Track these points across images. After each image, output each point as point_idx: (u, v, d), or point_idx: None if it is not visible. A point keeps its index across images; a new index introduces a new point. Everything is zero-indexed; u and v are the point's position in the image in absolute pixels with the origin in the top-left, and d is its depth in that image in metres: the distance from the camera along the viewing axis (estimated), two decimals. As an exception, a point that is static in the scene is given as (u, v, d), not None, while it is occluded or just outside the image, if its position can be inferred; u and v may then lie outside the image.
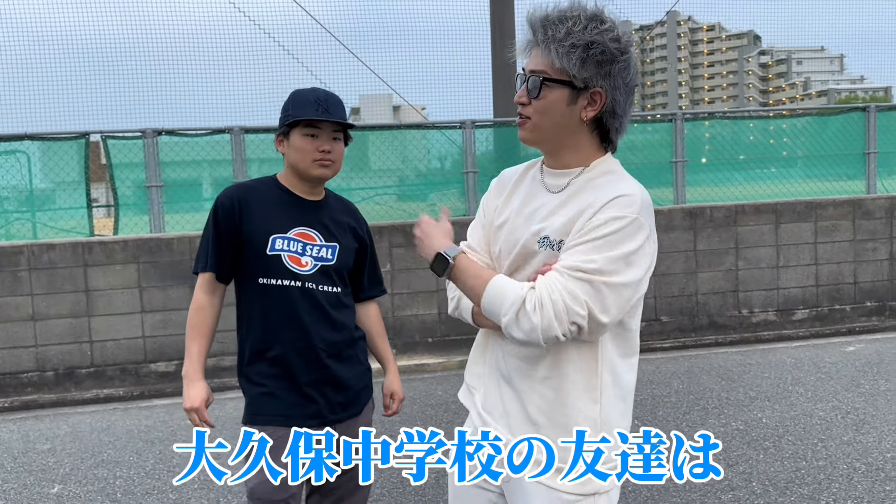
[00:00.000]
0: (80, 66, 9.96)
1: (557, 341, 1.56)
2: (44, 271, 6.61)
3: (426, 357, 7.22)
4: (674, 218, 7.79)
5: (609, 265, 1.53)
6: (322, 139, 2.31)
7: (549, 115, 1.66)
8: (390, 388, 2.66)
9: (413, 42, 11.32)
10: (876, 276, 8.20)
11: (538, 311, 1.53)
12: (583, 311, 1.52)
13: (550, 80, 1.62)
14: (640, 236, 1.56)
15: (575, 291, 1.52)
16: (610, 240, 1.54)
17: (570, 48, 1.58)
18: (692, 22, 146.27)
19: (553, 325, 1.53)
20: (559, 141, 1.70)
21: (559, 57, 1.59)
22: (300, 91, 2.36)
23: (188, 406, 2.34)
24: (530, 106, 1.67)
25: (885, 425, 4.75)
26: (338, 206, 2.50)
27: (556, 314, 1.52)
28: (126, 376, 6.76)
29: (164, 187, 7.27)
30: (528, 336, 1.56)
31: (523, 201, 1.77)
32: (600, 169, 1.70)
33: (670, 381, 6.11)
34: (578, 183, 1.68)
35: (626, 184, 1.63)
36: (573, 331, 1.54)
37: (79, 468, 4.72)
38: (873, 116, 8.56)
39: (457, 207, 8.09)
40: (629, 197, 1.58)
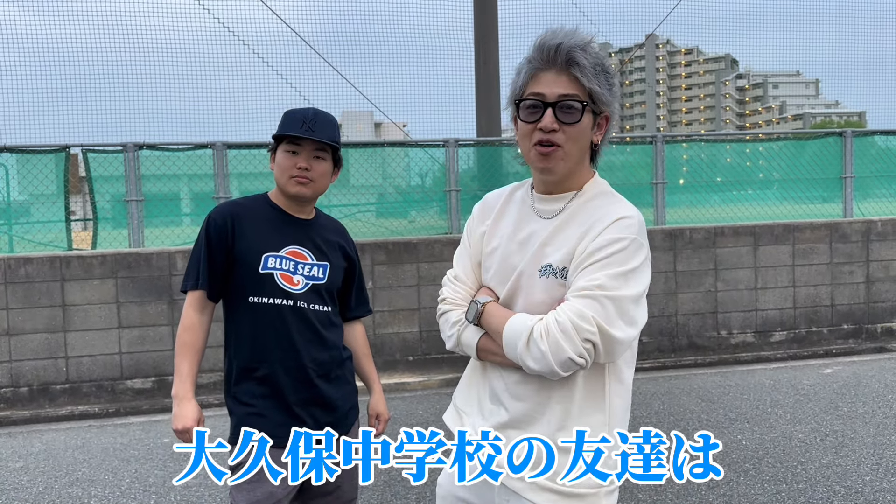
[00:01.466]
0: (61, 78, 9.87)
1: (574, 365, 1.56)
2: (20, 285, 6.50)
3: (406, 375, 7.19)
4: (654, 239, 7.85)
5: (611, 281, 1.56)
6: (301, 157, 2.30)
7: (581, 141, 1.65)
8: (375, 408, 2.65)
9: (396, 60, 11.37)
10: (853, 298, 8.30)
11: (545, 337, 1.56)
12: (591, 326, 1.53)
13: (587, 104, 1.62)
14: (640, 255, 1.61)
15: (580, 310, 1.54)
16: (612, 260, 1.58)
17: (597, 73, 1.61)
18: (670, 45, 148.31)
19: (562, 346, 1.54)
20: (575, 166, 1.70)
21: (593, 80, 1.60)
22: (294, 110, 2.36)
23: (180, 426, 2.27)
24: (561, 132, 1.62)
25: (864, 448, 4.79)
26: (328, 226, 2.50)
27: (564, 334, 1.54)
28: (102, 393, 6.66)
29: (144, 201, 7.20)
30: (539, 364, 1.57)
31: (515, 227, 1.77)
32: (593, 192, 1.72)
33: (651, 401, 6.12)
34: (573, 207, 1.70)
35: (622, 206, 1.67)
36: (588, 349, 1.54)
37: (52, 487, 4.62)
38: (850, 141, 8.70)
39: (438, 225, 8.09)
40: (628, 219, 1.62)
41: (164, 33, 10.49)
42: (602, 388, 1.69)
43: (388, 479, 4.40)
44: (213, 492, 4.42)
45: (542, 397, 1.68)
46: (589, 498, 1.66)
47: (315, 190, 2.36)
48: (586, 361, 1.56)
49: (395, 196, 8.97)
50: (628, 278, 1.57)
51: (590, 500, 1.67)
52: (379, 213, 8.94)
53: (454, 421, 1.89)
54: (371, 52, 12.28)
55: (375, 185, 8.72)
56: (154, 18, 11.53)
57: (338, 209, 8.44)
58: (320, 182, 2.36)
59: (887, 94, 19.36)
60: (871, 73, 25.55)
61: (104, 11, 10.28)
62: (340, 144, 2.40)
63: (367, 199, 8.77)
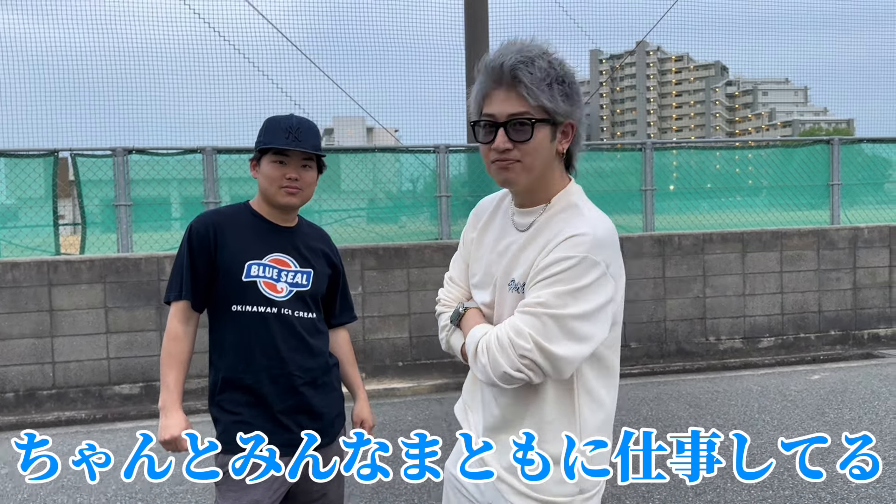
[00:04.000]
0: (50, 81, 9.84)
1: (513, 380, 1.59)
2: (7, 290, 6.47)
3: (396, 381, 7.18)
4: (643, 245, 7.88)
5: (554, 299, 1.56)
6: (290, 167, 2.31)
7: (539, 154, 1.64)
8: (360, 415, 2.65)
9: (387, 65, 11.44)
10: (840, 305, 8.35)
11: (485, 352, 1.62)
12: (527, 343, 1.56)
13: (538, 121, 1.61)
14: (591, 273, 1.57)
15: (518, 326, 1.58)
16: (558, 278, 1.57)
17: (549, 85, 1.60)
18: (661, 52, 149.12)
19: (499, 361, 1.59)
20: (541, 178, 1.70)
21: (543, 95, 1.59)
22: (275, 118, 2.35)
23: (167, 436, 2.25)
24: (516, 150, 1.63)
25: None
26: (311, 233, 2.50)
27: (501, 349, 1.59)
28: (89, 398, 6.62)
29: (133, 206, 7.18)
30: (483, 376, 1.64)
31: (497, 237, 1.81)
32: (561, 204, 1.71)
33: (639, 407, 6.14)
34: (541, 221, 1.71)
35: (580, 222, 1.63)
36: (525, 364, 1.57)
37: (37, 494, 4.59)
38: (837, 149, 8.77)
39: (428, 231, 8.10)
40: (581, 236, 1.59)
41: (153, 37, 10.47)
42: (571, 402, 1.71)
43: (376, 487, 4.39)
44: (200, 498, 4.40)
45: (519, 405, 1.72)
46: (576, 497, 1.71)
47: (303, 199, 2.37)
48: (528, 376, 1.58)
49: (386, 201, 8.97)
50: (576, 296, 1.56)
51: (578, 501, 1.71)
52: (370, 218, 8.94)
53: (461, 415, 1.96)
54: (362, 58, 12.29)
55: (366, 190, 8.72)
56: (144, 22, 11.51)
57: (328, 214, 8.43)
58: (308, 191, 2.37)
59: (875, 102, 19.51)
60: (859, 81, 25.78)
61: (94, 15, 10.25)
62: (324, 152, 2.41)
63: (357, 204, 8.77)
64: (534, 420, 1.70)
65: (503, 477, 1.73)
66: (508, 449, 1.73)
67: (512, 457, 1.72)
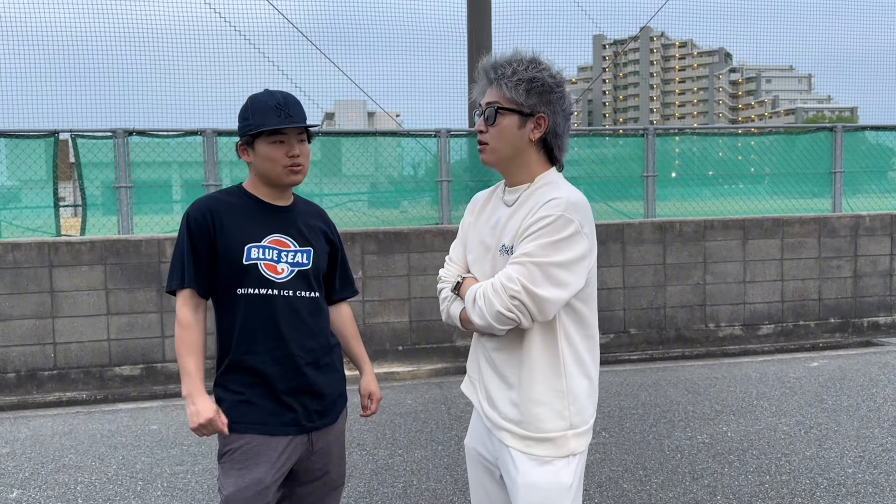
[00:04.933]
0: (51, 62, 9.80)
1: (506, 319, 1.88)
2: (8, 271, 6.48)
3: (396, 365, 7.20)
4: (644, 231, 7.87)
5: (537, 250, 1.87)
6: (289, 144, 2.29)
7: (503, 138, 2.01)
8: (367, 388, 2.65)
9: (389, 50, 11.36)
10: (840, 293, 8.36)
11: (481, 297, 1.93)
12: (515, 285, 1.85)
13: (503, 109, 1.99)
14: (567, 229, 1.89)
15: (508, 272, 1.89)
16: (540, 232, 1.89)
17: (517, 82, 1.97)
18: (665, 38, 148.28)
19: (492, 302, 1.89)
20: (513, 160, 2.05)
21: (509, 90, 1.97)
22: (257, 96, 2.32)
23: (201, 421, 2.21)
24: (488, 133, 2.02)
25: (847, 441, 4.83)
26: (307, 210, 2.48)
27: (494, 292, 1.89)
28: (90, 379, 6.65)
29: (134, 188, 7.18)
30: (480, 319, 1.93)
31: (489, 216, 2.14)
32: (541, 182, 2.04)
33: (638, 393, 6.16)
34: (524, 195, 2.04)
35: (558, 190, 1.96)
36: (516, 304, 1.86)
37: (39, 473, 4.62)
38: (840, 136, 8.74)
39: (429, 216, 8.09)
40: (556, 200, 1.92)
41: (155, 19, 10.42)
42: (555, 348, 1.98)
43: (375, 468, 4.41)
44: (200, 479, 4.43)
45: (512, 357, 2.01)
46: (558, 440, 1.99)
47: (305, 174, 2.37)
48: (517, 317, 1.87)
49: (387, 186, 8.95)
50: (556, 247, 1.87)
51: (559, 443, 1.99)
52: (371, 202, 8.92)
53: (469, 389, 2.24)
54: (365, 42, 12.24)
55: (367, 174, 8.70)
56: (145, 3, 11.46)
57: (329, 198, 8.42)
58: (307, 164, 2.37)
59: (879, 89, 19.41)
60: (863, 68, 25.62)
61: (94, -4, 10.17)
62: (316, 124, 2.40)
63: (358, 188, 8.75)
64: (524, 367, 1.99)
65: (502, 425, 2.03)
66: (506, 399, 2.03)
67: (509, 403, 2.02)
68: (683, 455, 4.66)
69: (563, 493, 1.99)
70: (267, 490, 2.25)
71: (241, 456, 2.24)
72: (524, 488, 1.98)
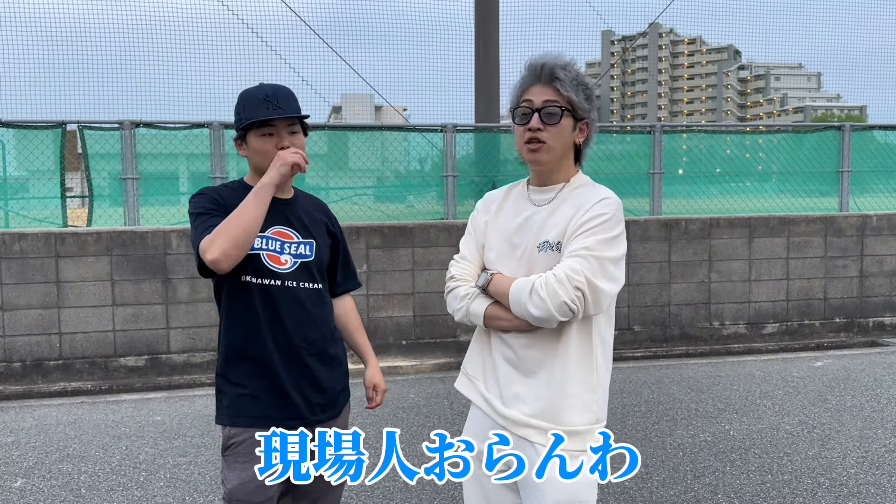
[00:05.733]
0: (59, 53, 9.82)
1: (568, 310, 1.90)
2: (14, 261, 6.51)
3: (399, 359, 7.22)
4: (649, 228, 7.86)
5: (597, 244, 1.93)
6: (279, 136, 2.28)
7: (561, 138, 2.04)
8: (372, 380, 2.63)
9: (397, 44, 11.35)
10: (846, 292, 8.33)
11: (544, 287, 1.92)
12: (580, 277, 1.89)
13: (566, 109, 2.02)
14: (618, 227, 1.99)
15: (572, 265, 1.92)
16: (597, 229, 1.95)
17: (577, 86, 2.02)
18: (674, 35, 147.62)
19: (557, 292, 1.90)
20: (560, 161, 2.09)
21: (571, 92, 2.00)
22: (248, 91, 2.31)
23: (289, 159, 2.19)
24: (545, 132, 2.02)
25: (850, 441, 4.82)
26: (309, 203, 2.48)
27: (560, 283, 1.90)
28: (95, 370, 6.68)
29: (140, 180, 7.20)
30: (540, 310, 1.92)
31: (514, 214, 2.15)
32: (578, 182, 2.11)
33: (641, 390, 6.16)
34: (564, 194, 2.08)
35: (603, 191, 2.05)
36: (578, 296, 1.89)
37: (43, 462, 4.65)
38: (848, 135, 8.70)
39: (435, 210, 8.09)
40: (609, 200, 2.01)
41: (163, 11, 10.43)
42: (590, 344, 2.03)
43: (377, 462, 4.42)
44: (203, 470, 4.45)
45: (546, 352, 2.02)
46: (585, 434, 2.02)
47: None
48: (577, 308, 1.90)
49: (393, 180, 8.95)
50: (610, 243, 1.95)
51: (586, 436, 2.02)
52: (377, 197, 8.93)
53: (466, 387, 2.23)
54: (372, 37, 12.22)
55: (373, 168, 8.70)
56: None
57: (335, 192, 8.43)
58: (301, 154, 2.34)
59: (889, 89, 19.29)
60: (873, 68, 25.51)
61: (103, -13, 10.20)
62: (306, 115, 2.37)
63: (364, 182, 8.75)
64: (559, 361, 2.01)
65: (526, 422, 2.03)
66: (534, 395, 2.03)
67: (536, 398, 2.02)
68: (685, 453, 4.66)
69: (592, 487, 2.02)
70: (270, 484, 2.26)
71: (244, 450, 2.25)
72: (555, 483, 1.99)
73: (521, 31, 11.67)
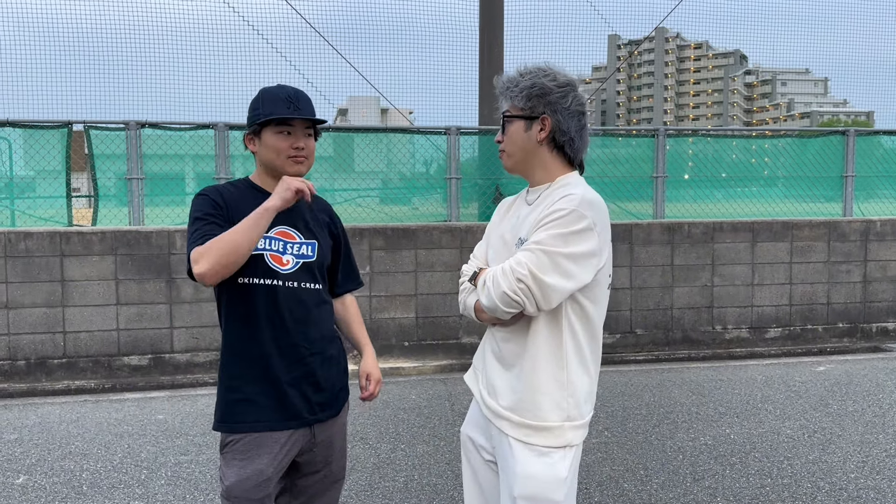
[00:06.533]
0: (66, 53, 9.88)
1: (511, 300, 1.95)
2: (20, 259, 6.55)
3: (401, 360, 7.24)
4: (652, 232, 7.87)
5: (548, 239, 1.95)
6: (295, 136, 2.32)
7: (513, 142, 2.16)
8: (366, 369, 2.63)
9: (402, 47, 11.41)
10: (849, 297, 8.32)
11: (490, 278, 2.02)
12: (523, 270, 1.93)
13: (510, 116, 2.15)
14: (580, 223, 1.96)
15: (518, 257, 1.97)
16: (553, 224, 1.97)
17: (518, 91, 2.11)
18: (680, 39, 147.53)
19: (500, 283, 1.96)
20: (527, 162, 2.17)
21: (513, 99, 2.12)
22: (269, 89, 2.34)
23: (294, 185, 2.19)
24: (503, 141, 2.18)
25: (851, 446, 4.82)
26: (313, 204, 2.49)
27: (503, 274, 1.97)
28: (98, 368, 6.71)
29: (146, 180, 7.24)
30: (487, 300, 2.01)
31: (512, 215, 2.27)
32: (561, 182, 2.14)
33: (642, 393, 6.16)
34: (545, 194, 2.13)
35: (574, 188, 2.05)
36: (521, 288, 1.93)
37: (45, 459, 4.68)
38: (852, 140, 8.70)
39: (439, 213, 8.11)
40: (573, 196, 2.00)
41: (170, 12, 10.48)
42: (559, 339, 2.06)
43: (377, 462, 4.44)
44: (204, 468, 4.47)
45: (518, 345, 2.09)
46: (555, 430, 2.05)
47: (308, 167, 2.38)
48: (521, 300, 1.94)
49: (398, 182, 8.97)
50: (566, 239, 1.95)
51: (556, 433, 2.05)
52: (381, 198, 8.95)
53: (472, 379, 2.34)
54: (378, 40, 12.26)
55: (378, 170, 8.72)
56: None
57: (340, 193, 8.45)
58: (311, 159, 2.39)
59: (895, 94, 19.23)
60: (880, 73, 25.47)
61: (111, -11, 10.25)
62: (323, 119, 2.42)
63: (368, 184, 8.78)
64: (528, 354, 2.06)
65: (502, 414, 2.11)
66: (507, 386, 2.11)
67: (510, 390, 2.10)
68: (685, 456, 4.66)
69: (558, 485, 2.05)
70: (268, 481, 2.26)
71: (242, 447, 2.26)
72: (520, 478, 2.05)
73: (526, 35, 11.70)
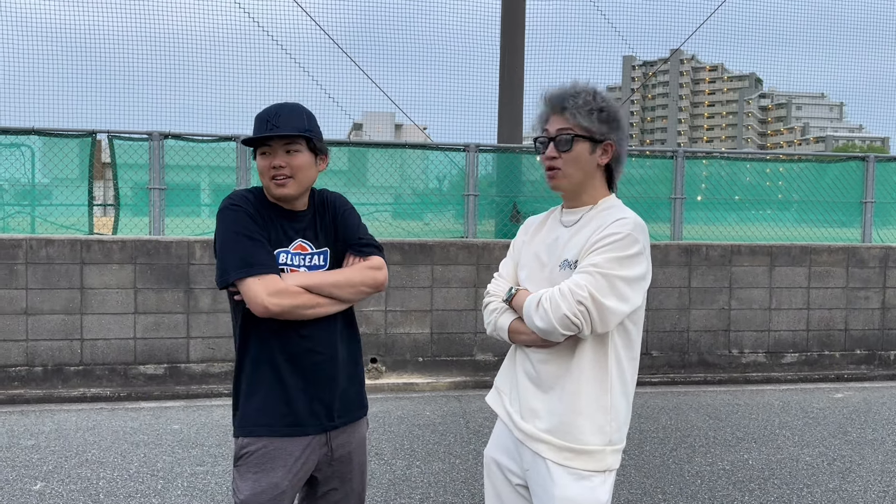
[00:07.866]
0: (90, 64, 10.00)
1: (570, 323, 1.94)
2: (40, 266, 6.60)
3: (416, 376, 7.22)
4: (669, 254, 7.84)
5: (606, 262, 1.97)
6: (274, 155, 2.25)
7: (577, 163, 2.13)
8: None
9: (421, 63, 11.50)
10: (867, 324, 8.25)
11: (548, 300, 2.00)
12: (583, 292, 1.94)
13: (578, 136, 2.09)
14: (633, 248, 2.00)
15: (577, 280, 1.98)
16: (609, 248, 1.99)
17: (590, 111, 2.08)
18: (695, 61, 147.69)
19: (559, 305, 1.95)
20: (582, 184, 2.16)
21: (583, 118, 2.07)
22: (260, 112, 2.31)
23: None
24: (560, 159, 2.12)
25: (871, 475, 4.77)
26: (321, 210, 2.44)
27: (562, 296, 1.96)
28: (115, 377, 6.73)
29: (167, 190, 7.29)
30: (544, 322, 1.99)
31: (545, 235, 2.25)
32: (605, 205, 2.16)
33: (658, 416, 6.12)
34: (589, 216, 2.15)
35: (625, 211, 2.10)
36: (581, 311, 1.93)
37: (62, 466, 4.69)
38: (872, 166, 8.66)
39: (453, 229, 8.12)
40: (624, 220, 2.04)
41: (194, 25, 10.60)
42: (605, 363, 2.06)
43: (393, 479, 4.43)
44: (220, 480, 4.47)
45: (560, 368, 2.07)
46: (597, 454, 2.05)
47: (299, 186, 2.29)
48: (581, 322, 1.94)
49: (413, 198, 8.99)
50: (622, 262, 1.98)
51: (597, 457, 2.05)
52: (396, 213, 8.97)
53: (495, 401, 2.31)
54: (397, 55, 12.34)
55: (393, 185, 8.76)
56: (185, 9, 11.66)
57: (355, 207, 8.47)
58: (301, 176, 2.28)
59: (912, 121, 19.17)
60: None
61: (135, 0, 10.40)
62: (311, 133, 2.30)
63: (383, 199, 8.80)
64: (572, 378, 2.05)
65: (540, 437, 2.08)
66: (547, 410, 2.08)
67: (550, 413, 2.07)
68: (703, 481, 4.63)
69: None
70: (283, 495, 2.24)
71: (257, 460, 2.24)
72: (559, 501, 2.03)
73: (546, 55, 11.75)
